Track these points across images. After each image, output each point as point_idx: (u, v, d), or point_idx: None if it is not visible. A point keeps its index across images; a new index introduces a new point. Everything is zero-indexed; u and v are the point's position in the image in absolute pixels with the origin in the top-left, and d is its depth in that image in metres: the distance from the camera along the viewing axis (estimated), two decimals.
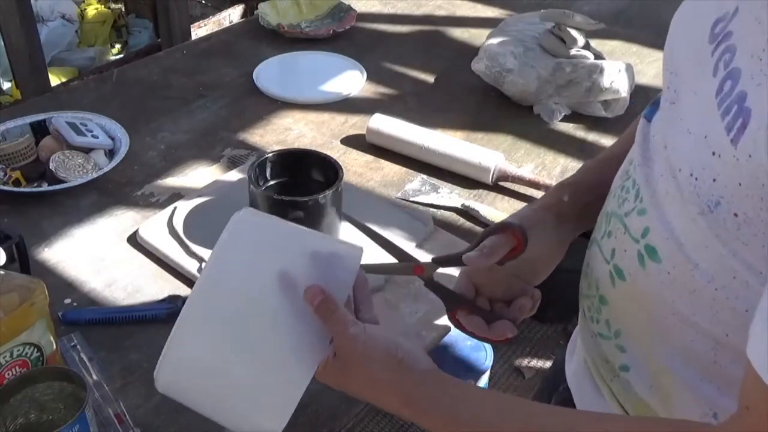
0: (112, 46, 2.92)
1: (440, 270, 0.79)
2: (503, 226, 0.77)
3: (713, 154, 0.54)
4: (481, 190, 1.26)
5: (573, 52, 1.44)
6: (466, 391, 0.68)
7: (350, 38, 1.72)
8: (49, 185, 1.20)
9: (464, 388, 0.68)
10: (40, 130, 1.31)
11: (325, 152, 1.16)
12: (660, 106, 0.66)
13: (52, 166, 1.22)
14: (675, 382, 0.65)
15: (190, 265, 1.05)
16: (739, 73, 0.53)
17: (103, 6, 2.99)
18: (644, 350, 0.67)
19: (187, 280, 1.04)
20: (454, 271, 0.83)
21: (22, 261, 0.97)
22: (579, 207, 0.80)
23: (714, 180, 0.54)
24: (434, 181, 1.27)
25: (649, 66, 1.63)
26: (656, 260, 0.62)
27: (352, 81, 1.55)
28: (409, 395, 0.66)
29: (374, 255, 0.81)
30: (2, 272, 0.82)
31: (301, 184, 1.10)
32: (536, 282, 0.80)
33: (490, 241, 0.76)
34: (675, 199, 0.59)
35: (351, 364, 0.67)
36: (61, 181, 1.20)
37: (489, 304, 0.79)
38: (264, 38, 1.71)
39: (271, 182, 1.12)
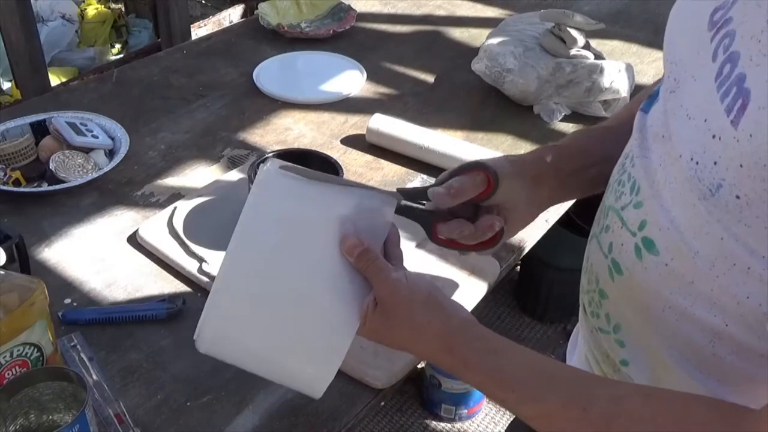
0: (112, 46, 2.93)
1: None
2: (475, 166, 0.75)
3: (714, 137, 0.54)
4: None
5: (573, 52, 1.44)
6: (509, 349, 0.66)
7: (350, 38, 1.72)
8: (49, 185, 1.20)
9: (506, 344, 0.66)
10: (40, 130, 1.31)
11: (325, 152, 1.16)
12: (659, 97, 0.66)
13: (52, 166, 1.22)
14: (674, 376, 0.65)
15: (190, 265, 1.05)
16: (738, 56, 0.53)
17: (103, 6, 2.99)
18: (643, 344, 0.67)
19: (187, 280, 1.04)
20: None
21: (22, 261, 0.97)
22: (561, 174, 0.78)
23: (715, 163, 0.54)
24: (434, 181, 1.27)
25: (649, 66, 1.63)
26: (654, 252, 0.62)
27: (352, 81, 1.55)
28: (451, 342, 0.66)
29: None
30: (2, 272, 0.82)
31: None
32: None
33: (459, 180, 0.74)
34: (674, 186, 0.59)
35: (395, 310, 0.66)
36: (61, 181, 1.20)
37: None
38: (264, 38, 1.71)
39: None
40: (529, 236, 1.16)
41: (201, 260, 1.05)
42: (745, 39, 0.53)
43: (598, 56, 1.49)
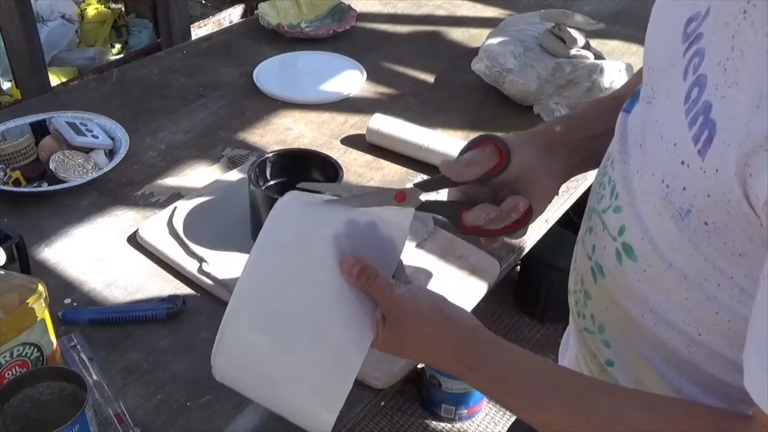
0: (112, 46, 2.92)
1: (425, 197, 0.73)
2: (483, 139, 0.73)
3: (682, 163, 0.54)
4: None
5: (573, 52, 1.44)
6: (515, 355, 0.66)
7: (350, 38, 1.72)
8: (49, 185, 1.20)
9: (513, 351, 0.67)
10: (40, 130, 1.31)
11: (325, 152, 1.16)
12: (639, 101, 0.66)
13: (52, 166, 1.22)
14: (656, 378, 0.66)
15: (190, 265, 1.05)
16: (705, 81, 0.52)
17: (103, 6, 2.99)
18: (626, 346, 0.68)
19: (187, 280, 1.04)
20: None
21: (22, 261, 0.97)
22: (572, 140, 0.76)
23: (684, 189, 0.54)
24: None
25: None
26: (633, 258, 0.62)
27: (352, 81, 1.55)
28: (459, 350, 0.66)
29: None
30: (2, 272, 0.82)
31: None
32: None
33: (471, 154, 0.72)
34: (649, 200, 0.59)
35: (402, 323, 0.67)
36: (61, 181, 1.20)
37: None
38: (264, 38, 1.71)
39: (271, 182, 1.12)
40: (529, 236, 1.16)
41: (201, 260, 1.05)
42: (712, 63, 0.52)
43: (598, 56, 1.49)
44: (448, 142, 1.30)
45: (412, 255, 1.10)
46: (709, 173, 0.51)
